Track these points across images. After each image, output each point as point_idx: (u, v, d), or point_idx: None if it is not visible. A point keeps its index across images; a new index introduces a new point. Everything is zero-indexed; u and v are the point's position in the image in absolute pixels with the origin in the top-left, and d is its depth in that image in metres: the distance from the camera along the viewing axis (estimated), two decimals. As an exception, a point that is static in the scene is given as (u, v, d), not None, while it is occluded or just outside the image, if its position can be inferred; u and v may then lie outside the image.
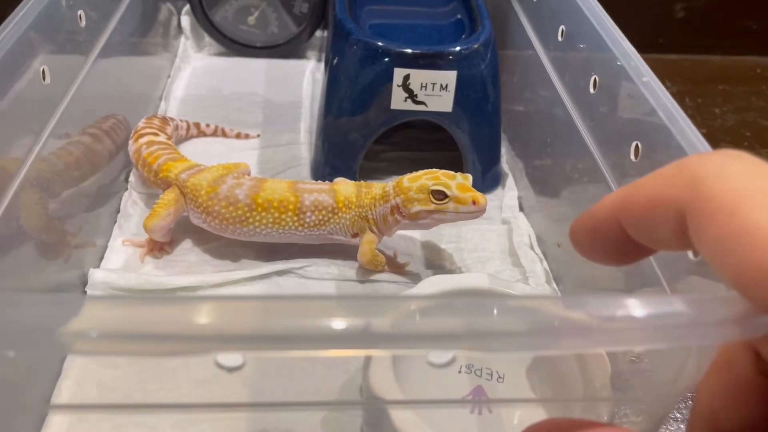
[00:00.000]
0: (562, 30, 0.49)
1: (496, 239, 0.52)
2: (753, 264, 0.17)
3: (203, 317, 0.18)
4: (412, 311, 0.20)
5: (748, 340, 0.21)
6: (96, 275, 0.45)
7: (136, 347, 0.19)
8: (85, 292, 0.45)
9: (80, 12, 0.47)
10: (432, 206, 0.44)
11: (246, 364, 0.33)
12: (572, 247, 0.25)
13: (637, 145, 0.36)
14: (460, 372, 0.38)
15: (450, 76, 0.52)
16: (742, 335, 0.20)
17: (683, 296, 0.20)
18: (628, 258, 0.23)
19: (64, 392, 0.38)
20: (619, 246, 0.22)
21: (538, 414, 0.36)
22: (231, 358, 0.27)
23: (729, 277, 0.18)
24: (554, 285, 0.48)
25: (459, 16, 0.59)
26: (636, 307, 0.20)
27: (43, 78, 0.41)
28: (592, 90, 0.43)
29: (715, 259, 0.19)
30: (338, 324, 0.19)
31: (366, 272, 0.48)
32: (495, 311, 0.20)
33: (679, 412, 0.42)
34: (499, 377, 0.39)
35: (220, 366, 0.28)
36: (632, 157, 0.37)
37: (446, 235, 0.52)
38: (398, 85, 0.52)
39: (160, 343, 0.18)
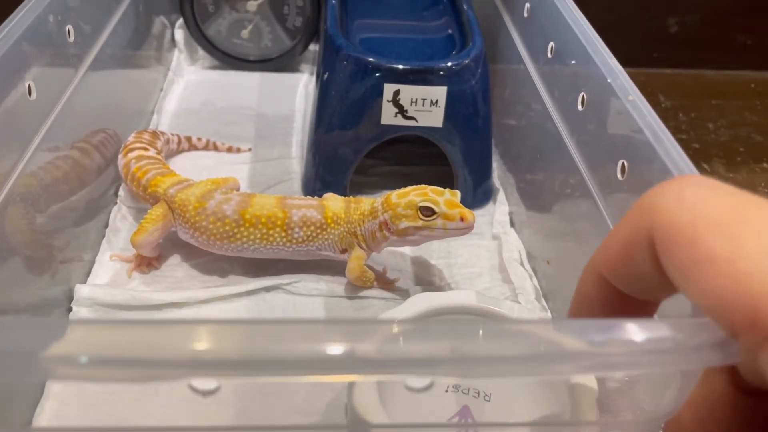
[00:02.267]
0: (552, 46, 0.49)
1: (487, 255, 0.52)
2: (713, 292, 0.18)
3: (181, 342, 0.18)
4: (395, 336, 0.20)
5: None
6: (82, 291, 0.45)
7: (120, 374, 0.18)
8: (71, 308, 0.45)
9: (69, 27, 0.47)
10: (420, 223, 0.44)
11: (221, 388, 0.32)
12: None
13: (623, 164, 0.36)
14: (447, 391, 0.37)
15: (440, 92, 0.52)
16: (723, 360, 0.20)
17: (667, 321, 0.20)
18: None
19: (47, 411, 0.37)
20: (617, 309, 0.22)
21: (524, 434, 0.36)
22: (206, 381, 0.27)
23: (696, 304, 0.19)
24: (544, 302, 0.48)
25: (450, 31, 0.59)
26: (622, 332, 0.20)
27: (29, 94, 0.40)
28: (580, 107, 0.43)
29: (681, 287, 0.19)
30: (320, 350, 0.18)
31: (355, 288, 0.48)
32: (480, 336, 0.20)
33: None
34: (486, 396, 0.39)
35: (194, 390, 0.28)
36: (619, 175, 0.37)
37: (436, 251, 0.52)
38: (388, 101, 0.52)
39: (141, 369, 0.18)
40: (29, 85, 0.40)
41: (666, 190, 0.20)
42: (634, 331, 0.20)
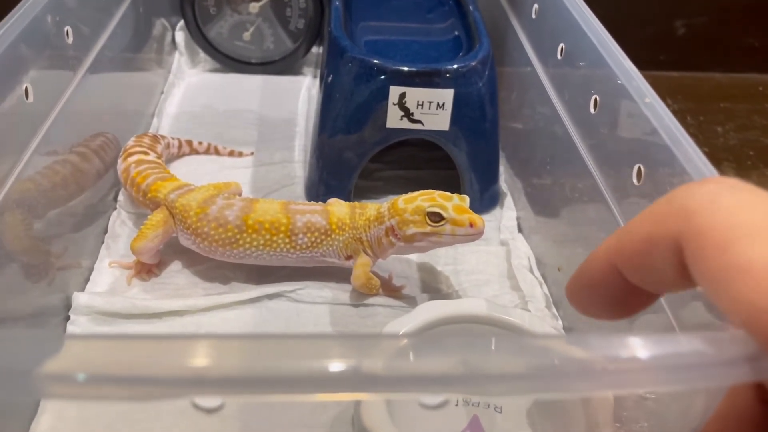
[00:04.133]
0: (562, 48, 0.48)
1: (495, 261, 0.51)
2: (746, 301, 0.17)
3: (181, 359, 0.17)
4: (405, 352, 0.19)
5: None
6: (80, 299, 0.44)
7: (117, 393, 0.18)
8: (69, 316, 0.44)
9: (67, 28, 0.46)
10: (428, 228, 0.43)
11: (225, 404, 0.31)
12: (571, 304, 0.24)
13: (639, 168, 0.35)
14: (457, 405, 0.36)
15: (447, 95, 0.51)
16: (754, 376, 0.19)
17: (692, 334, 0.19)
18: (630, 308, 0.22)
19: (43, 426, 0.36)
20: (620, 296, 0.22)
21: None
22: (208, 399, 0.25)
23: (727, 312, 0.18)
24: (554, 310, 0.47)
25: (456, 32, 0.58)
26: (643, 347, 0.19)
27: (26, 96, 0.39)
28: (592, 110, 0.42)
29: (710, 294, 0.18)
30: (327, 367, 0.17)
31: (360, 296, 0.47)
32: (493, 351, 0.19)
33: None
34: (497, 408, 0.37)
35: (197, 408, 0.27)
36: (635, 180, 0.36)
37: (443, 257, 0.51)
38: (394, 104, 0.51)
39: (139, 388, 0.17)
40: (26, 88, 0.39)
41: (700, 191, 0.19)
42: (656, 345, 0.19)
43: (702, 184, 0.19)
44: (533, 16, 0.55)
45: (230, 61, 0.73)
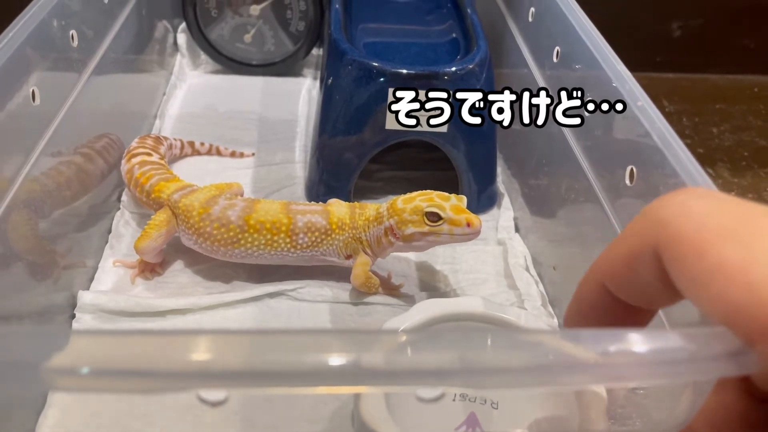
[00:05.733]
0: (557, 51, 0.49)
1: (492, 261, 0.52)
2: (723, 300, 0.18)
3: (184, 354, 0.18)
4: (403, 346, 0.19)
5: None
6: (85, 297, 0.45)
7: (122, 385, 0.18)
8: (74, 314, 0.45)
9: (72, 32, 0.46)
10: (426, 228, 0.43)
11: (229, 398, 0.32)
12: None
13: (632, 170, 0.36)
14: (454, 400, 0.37)
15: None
16: (739, 370, 0.19)
17: (680, 330, 0.20)
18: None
19: (50, 420, 0.37)
20: (616, 317, 0.23)
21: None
22: (213, 392, 0.26)
23: (708, 313, 0.19)
24: (550, 308, 0.47)
25: (454, 35, 0.59)
26: (633, 343, 0.20)
27: (33, 99, 0.40)
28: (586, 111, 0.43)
29: (691, 297, 0.19)
30: (326, 361, 0.18)
31: (360, 294, 0.48)
32: (489, 346, 0.19)
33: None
34: (493, 403, 0.38)
35: (202, 401, 0.28)
36: (627, 181, 0.36)
37: (441, 256, 0.52)
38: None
39: (143, 381, 0.18)
40: (33, 90, 0.40)
41: (670, 202, 0.20)
42: (647, 341, 0.20)
43: (673, 195, 0.20)
44: (530, 19, 0.56)
45: (231, 63, 0.73)
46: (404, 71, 0.51)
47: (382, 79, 0.51)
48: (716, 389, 0.22)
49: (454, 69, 0.51)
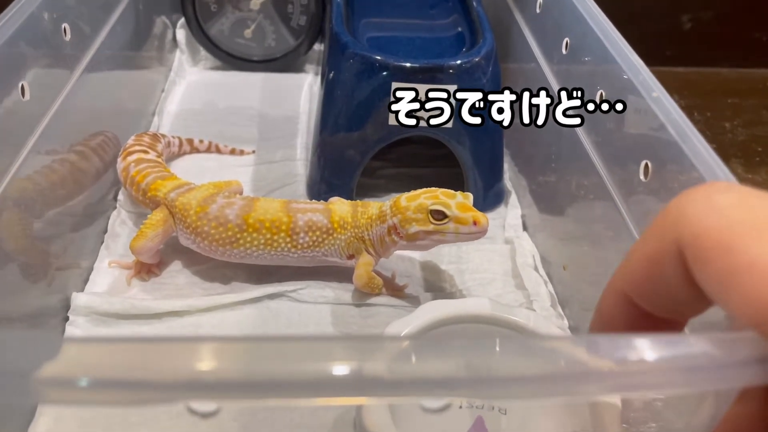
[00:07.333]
0: (567, 42, 0.47)
1: (499, 260, 0.50)
2: (756, 299, 0.17)
3: (178, 364, 0.17)
4: (407, 354, 0.18)
5: None
6: (79, 300, 0.44)
7: (116, 397, 0.17)
8: (68, 317, 0.43)
9: (65, 25, 0.45)
10: (431, 227, 0.42)
11: (222, 409, 0.31)
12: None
13: (646, 164, 0.34)
14: (461, 407, 0.35)
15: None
16: (766, 378, 0.18)
17: (701, 335, 0.18)
18: None
19: (41, 428, 0.36)
20: (643, 330, 0.21)
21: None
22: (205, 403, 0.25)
23: (735, 314, 0.18)
24: (560, 309, 0.46)
25: (459, 28, 0.58)
26: (651, 349, 0.18)
27: (23, 94, 0.39)
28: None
29: (718, 297, 0.18)
30: (328, 370, 0.17)
31: (362, 295, 0.46)
32: (497, 353, 0.18)
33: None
34: (502, 410, 0.37)
35: (192, 412, 0.26)
36: (642, 176, 0.35)
37: (446, 256, 0.50)
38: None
39: (138, 392, 0.17)
40: (22, 85, 0.39)
41: (693, 197, 0.19)
42: (668, 346, 0.18)
43: (695, 190, 0.19)
44: (537, 10, 0.54)
45: (231, 59, 0.72)
46: (408, 65, 0.49)
47: (384, 73, 0.50)
48: (740, 397, 0.20)
49: (459, 62, 0.50)
